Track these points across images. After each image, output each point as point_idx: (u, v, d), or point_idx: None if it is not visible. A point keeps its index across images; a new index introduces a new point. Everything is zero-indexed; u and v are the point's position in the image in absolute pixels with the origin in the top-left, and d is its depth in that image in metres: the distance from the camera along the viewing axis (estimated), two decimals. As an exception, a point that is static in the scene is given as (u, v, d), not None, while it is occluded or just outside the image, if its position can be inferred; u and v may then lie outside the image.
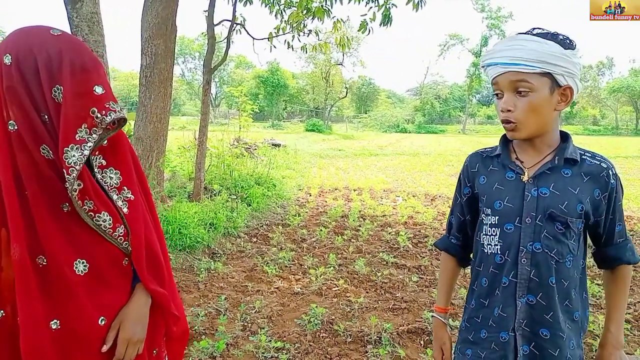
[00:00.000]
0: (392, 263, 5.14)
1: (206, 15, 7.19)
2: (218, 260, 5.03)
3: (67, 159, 1.09)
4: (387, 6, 7.04)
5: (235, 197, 7.25)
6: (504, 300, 1.38)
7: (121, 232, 1.23)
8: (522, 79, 1.26)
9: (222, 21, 7.66)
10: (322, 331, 3.45)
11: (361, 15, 7.22)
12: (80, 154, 1.10)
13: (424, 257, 5.36)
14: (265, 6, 8.03)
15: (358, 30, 7.49)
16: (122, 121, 1.20)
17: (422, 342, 3.31)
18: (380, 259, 5.27)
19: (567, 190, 1.32)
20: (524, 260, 1.34)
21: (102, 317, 1.20)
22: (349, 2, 7.30)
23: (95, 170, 1.23)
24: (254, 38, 8.30)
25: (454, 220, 1.61)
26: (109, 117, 1.13)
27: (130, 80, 48.79)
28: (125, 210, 1.25)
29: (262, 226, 6.74)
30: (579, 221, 1.33)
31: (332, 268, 4.89)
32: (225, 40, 7.88)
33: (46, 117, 1.12)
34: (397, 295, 4.21)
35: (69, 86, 1.09)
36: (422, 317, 3.68)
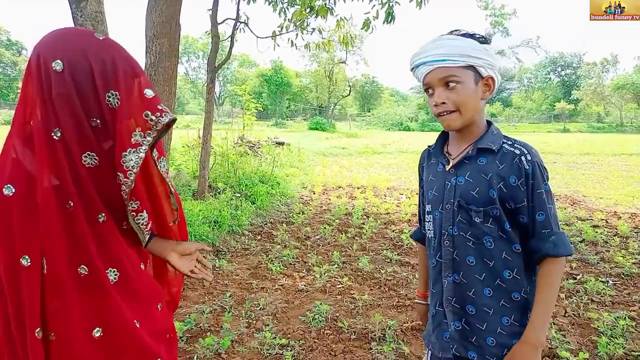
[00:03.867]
0: (396, 260, 5.14)
1: (210, 14, 7.21)
2: (223, 258, 5.06)
3: (124, 162, 1.12)
4: (390, 4, 7.03)
5: (239, 195, 7.28)
6: (435, 279, 1.56)
7: (149, 226, 1.29)
8: (450, 73, 1.37)
9: (225, 20, 7.68)
10: (326, 328, 3.47)
11: (364, 13, 7.21)
12: (137, 157, 1.13)
13: (428, 255, 5.36)
14: (269, 4, 8.04)
15: (361, 28, 7.49)
16: (173, 122, 1.23)
17: (426, 339, 3.32)
18: (384, 257, 5.28)
19: (480, 177, 1.41)
20: (446, 243, 1.49)
21: (136, 320, 1.24)
22: (352, 0, 7.30)
23: (156, 161, 1.29)
24: (257, 36, 8.32)
25: (420, 212, 1.75)
26: (164, 119, 1.16)
27: (134, 79, 48.75)
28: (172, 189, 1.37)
29: (266, 224, 6.76)
30: (494, 207, 1.39)
31: (336, 265, 4.90)
32: (229, 39, 7.90)
33: (98, 121, 1.12)
34: (401, 292, 4.22)
35: (123, 91, 1.11)
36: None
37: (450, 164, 1.49)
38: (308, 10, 7.62)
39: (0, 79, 52.66)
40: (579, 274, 4.67)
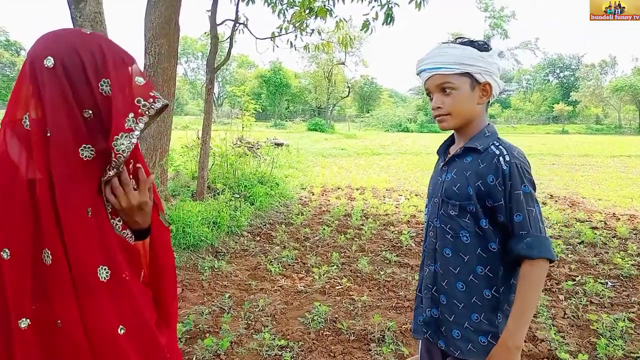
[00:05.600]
0: (395, 262, 5.14)
1: (209, 15, 7.21)
2: (222, 259, 5.05)
3: (116, 146, 1.13)
4: (390, 5, 7.04)
5: (238, 196, 7.27)
6: (421, 265, 1.69)
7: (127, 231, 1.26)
8: (446, 80, 1.47)
9: (224, 21, 7.67)
10: (325, 329, 3.46)
11: (363, 15, 7.23)
12: (129, 142, 1.14)
13: (427, 256, 5.36)
14: (268, 6, 8.05)
15: (360, 30, 7.50)
16: (165, 107, 1.24)
17: (425, 341, 3.32)
18: (383, 258, 5.27)
19: (462, 174, 1.50)
20: (431, 234, 1.61)
21: (122, 327, 1.20)
22: (351, 2, 7.31)
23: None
24: (256, 38, 8.32)
25: None
26: (157, 104, 1.18)
27: (133, 80, 48.75)
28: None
29: (265, 225, 6.76)
30: (470, 203, 1.46)
31: (335, 267, 4.90)
32: (228, 40, 7.90)
33: (91, 112, 1.13)
34: (400, 294, 4.22)
35: (114, 79, 1.13)
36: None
37: (444, 162, 1.61)
38: (307, 11, 7.63)
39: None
40: (578, 276, 4.67)
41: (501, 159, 1.42)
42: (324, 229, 6.43)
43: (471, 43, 1.49)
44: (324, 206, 8.35)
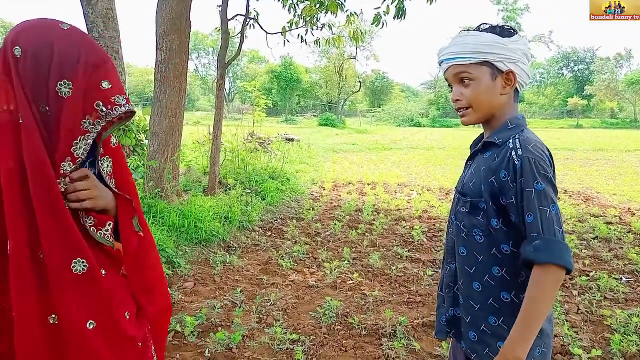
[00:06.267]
0: (406, 257, 5.13)
1: (220, 10, 7.22)
2: (233, 254, 5.08)
3: (75, 150, 1.14)
4: (401, -1, 6.98)
5: (249, 191, 7.29)
6: (442, 264, 1.62)
7: (108, 230, 1.25)
8: (463, 70, 1.39)
9: (235, 16, 7.68)
10: (337, 324, 3.47)
11: (375, 9, 7.19)
12: (85, 144, 1.15)
13: (438, 251, 5.35)
14: (279, 1, 8.04)
15: (372, 24, 7.46)
16: (130, 114, 1.22)
17: (437, 336, 3.31)
18: (394, 253, 5.26)
19: (479, 170, 1.42)
20: (450, 230, 1.55)
21: (91, 322, 1.18)
22: (362, -4, 7.27)
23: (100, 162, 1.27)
24: (267, 33, 8.31)
25: None
26: (115, 112, 1.17)
27: (146, 76, 49.17)
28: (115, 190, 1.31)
29: (276, 220, 6.77)
30: (481, 200, 1.38)
31: (346, 262, 4.90)
32: (239, 35, 7.91)
33: (47, 108, 1.13)
34: (412, 289, 4.21)
35: (80, 82, 1.12)
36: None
37: (469, 157, 1.56)
38: (318, 6, 7.60)
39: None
40: (592, 271, 4.62)
41: (514, 153, 1.31)
42: (336, 224, 6.43)
43: (493, 29, 1.39)
44: (335, 201, 8.35)
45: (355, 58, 41.08)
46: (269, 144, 13.88)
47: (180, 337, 3.17)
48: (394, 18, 7.06)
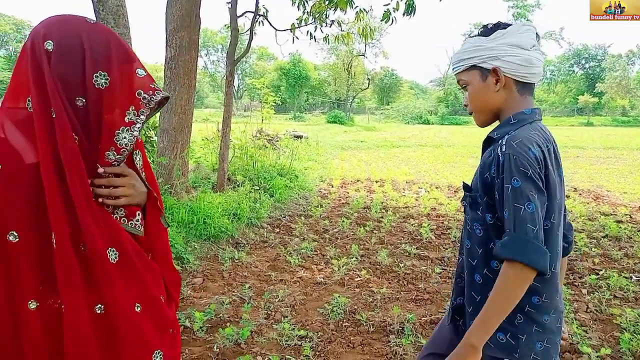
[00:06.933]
0: (414, 254, 5.13)
1: (229, 7, 7.23)
2: (242, 250, 5.10)
3: (118, 140, 1.15)
4: (411, -5, 6.95)
5: (258, 188, 7.31)
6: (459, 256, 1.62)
7: (138, 219, 1.28)
8: (459, 78, 1.48)
9: (245, 13, 7.69)
10: (344, 320, 3.48)
11: (384, 5, 7.15)
12: (130, 135, 1.17)
13: (447, 249, 5.34)
14: (288, -3, 8.03)
15: (381, 20, 7.43)
16: (165, 100, 1.25)
17: (445, 333, 3.31)
18: (402, 250, 5.26)
19: (479, 165, 1.46)
20: (463, 224, 1.57)
21: (138, 304, 1.22)
22: (371, -8, 7.23)
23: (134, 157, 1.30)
24: (276, 29, 8.32)
25: None
26: (157, 96, 1.19)
27: (155, 73, 49.17)
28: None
29: (284, 217, 6.79)
30: (477, 194, 1.41)
31: (354, 259, 4.90)
32: (248, 32, 7.91)
33: (84, 100, 1.14)
34: (420, 286, 4.21)
35: (115, 72, 1.14)
36: (445, 308, 3.67)
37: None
38: (327, 2, 7.59)
39: (25, 73, 53.62)
40: (601, 270, 4.59)
41: (499, 149, 1.33)
42: (343, 221, 6.44)
43: (480, 32, 1.44)
44: (343, 198, 8.35)
45: (364, 55, 40.98)
46: (277, 140, 13.90)
47: (189, 332, 3.20)
48: (404, 14, 7.03)
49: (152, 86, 1.19)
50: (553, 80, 65.87)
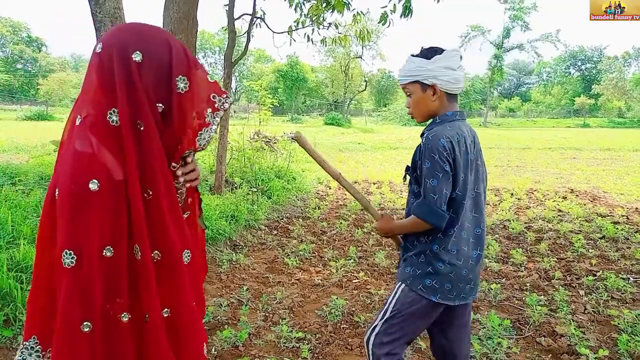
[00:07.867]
0: (412, 256, 5.12)
1: (227, 9, 7.23)
2: (240, 252, 5.09)
3: (199, 140, 1.23)
4: (408, -3, 6.96)
5: (255, 190, 7.31)
6: None
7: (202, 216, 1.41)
8: (404, 87, 1.96)
9: (242, 15, 7.69)
10: (342, 322, 3.48)
11: (381, 7, 7.16)
12: (208, 135, 1.25)
13: (444, 250, 5.34)
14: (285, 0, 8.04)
15: (378, 23, 7.45)
16: (231, 104, 1.33)
17: (443, 334, 3.31)
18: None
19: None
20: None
21: (194, 302, 1.32)
22: (369, -6, 7.25)
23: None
24: (273, 32, 8.32)
25: None
26: (228, 102, 1.27)
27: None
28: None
29: (282, 219, 6.79)
30: (410, 174, 1.98)
31: (352, 260, 4.90)
32: (246, 34, 7.92)
33: (163, 106, 1.18)
34: (418, 287, 4.20)
35: (192, 76, 1.19)
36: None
37: None
38: (324, 4, 7.60)
39: (22, 75, 53.50)
40: (599, 271, 4.60)
41: (422, 140, 1.87)
42: (341, 222, 6.44)
43: (422, 54, 1.88)
44: (341, 200, 8.35)
45: (361, 57, 40.82)
46: (275, 142, 13.88)
47: (186, 335, 3.19)
48: (401, 16, 7.03)
49: (223, 90, 1.26)
50: (549, 82, 66.10)
